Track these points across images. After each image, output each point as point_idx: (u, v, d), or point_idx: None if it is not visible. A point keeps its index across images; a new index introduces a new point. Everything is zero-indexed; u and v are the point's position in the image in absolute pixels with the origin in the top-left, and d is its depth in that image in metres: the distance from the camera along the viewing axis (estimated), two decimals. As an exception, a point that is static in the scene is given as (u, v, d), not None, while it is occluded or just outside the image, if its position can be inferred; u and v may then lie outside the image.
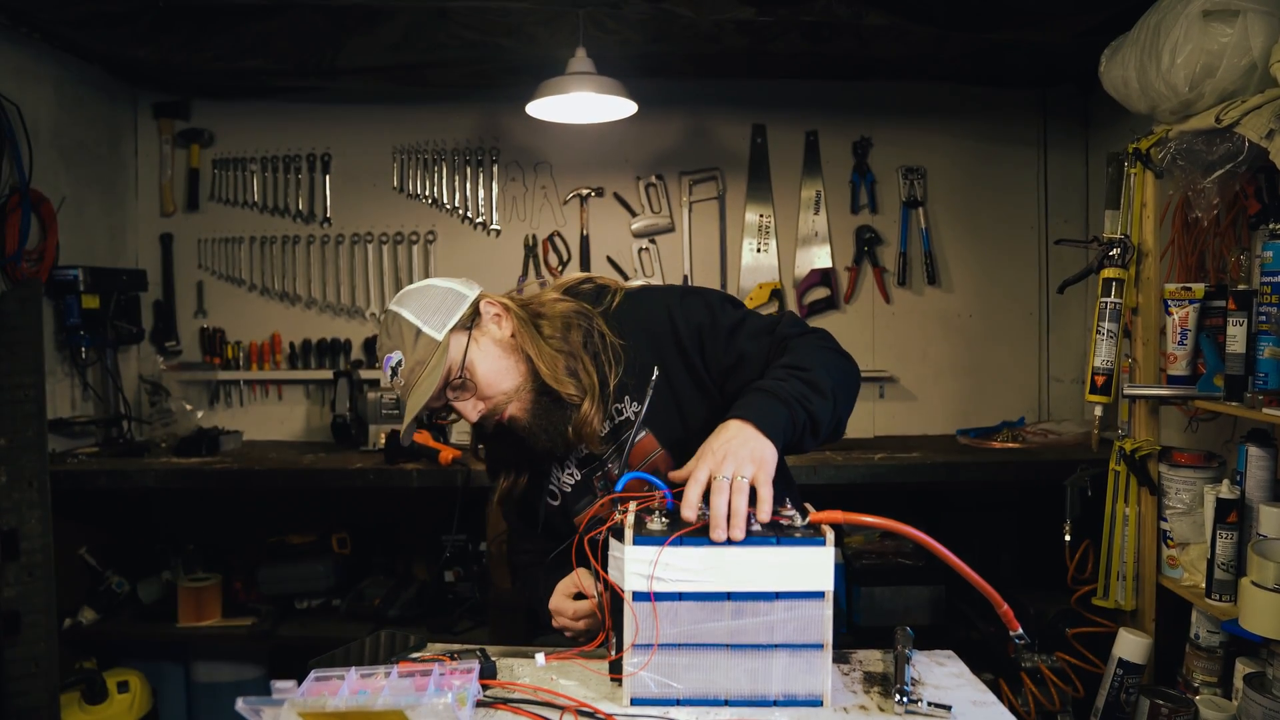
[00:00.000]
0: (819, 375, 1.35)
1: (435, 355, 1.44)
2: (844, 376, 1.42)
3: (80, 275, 2.94)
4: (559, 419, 1.48)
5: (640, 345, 1.50)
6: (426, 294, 1.50)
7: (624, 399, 1.51)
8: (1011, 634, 1.24)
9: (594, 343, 1.51)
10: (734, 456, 1.21)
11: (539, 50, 2.82)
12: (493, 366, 1.47)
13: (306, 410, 3.47)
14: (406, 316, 1.47)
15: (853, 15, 2.49)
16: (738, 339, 1.47)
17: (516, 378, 1.48)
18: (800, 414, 1.30)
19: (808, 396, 1.32)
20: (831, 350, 1.46)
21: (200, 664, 3.12)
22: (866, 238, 3.41)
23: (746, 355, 1.46)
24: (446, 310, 1.48)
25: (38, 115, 2.86)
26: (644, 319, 1.52)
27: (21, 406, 2.41)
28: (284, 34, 2.74)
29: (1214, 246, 2.27)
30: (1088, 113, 3.36)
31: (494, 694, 1.23)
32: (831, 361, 1.42)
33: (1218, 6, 1.87)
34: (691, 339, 1.49)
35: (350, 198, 3.48)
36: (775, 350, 1.45)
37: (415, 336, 1.45)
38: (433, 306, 1.47)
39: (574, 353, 1.49)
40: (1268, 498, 1.90)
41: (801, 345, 1.43)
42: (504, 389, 1.48)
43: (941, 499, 3.20)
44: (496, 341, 1.49)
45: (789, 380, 1.33)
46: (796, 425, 1.30)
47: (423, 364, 1.44)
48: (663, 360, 1.48)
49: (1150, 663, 2.22)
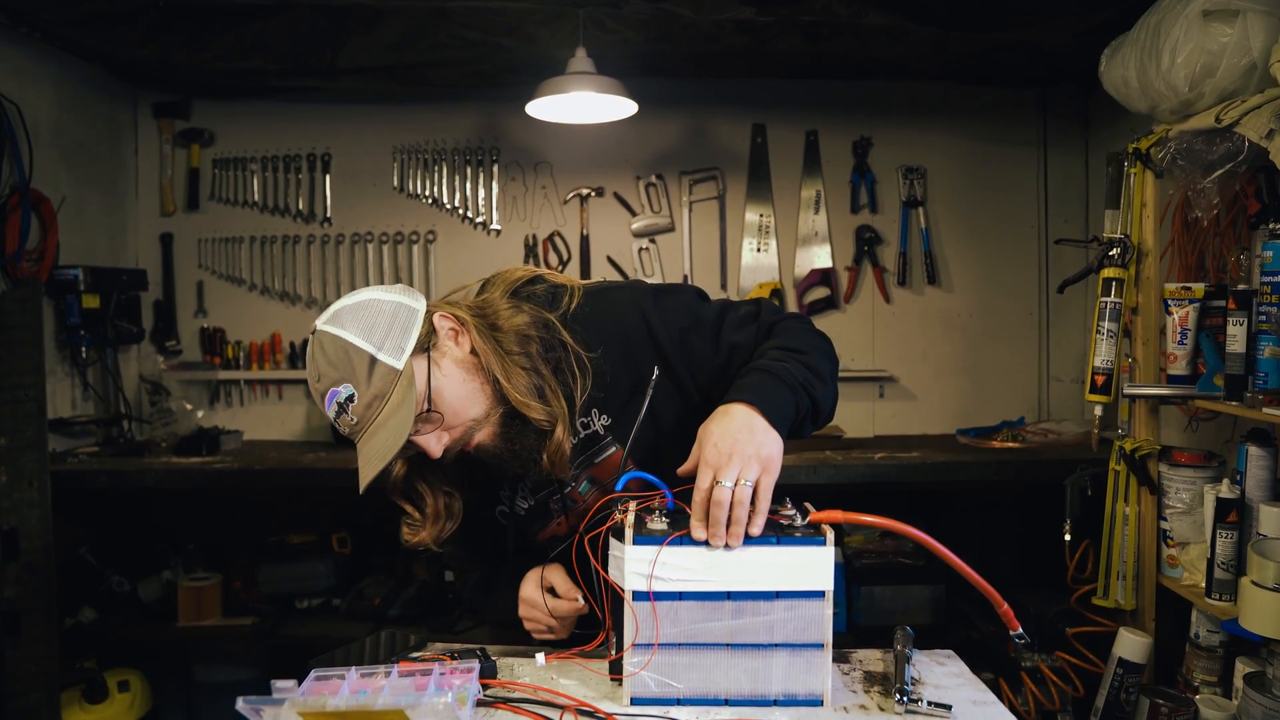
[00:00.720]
0: (817, 360, 1.28)
1: (397, 387, 1.23)
2: (834, 363, 1.36)
3: (80, 275, 2.94)
4: (531, 443, 1.31)
5: (610, 351, 1.35)
6: (370, 310, 1.26)
7: (590, 412, 1.37)
8: (1011, 634, 1.24)
9: (555, 354, 1.34)
10: (740, 455, 1.13)
11: (539, 50, 2.82)
12: (458, 393, 1.28)
13: (306, 410, 3.47)
14: (352, 340, 1.23)
15: (853, 15, 2.49)
16: (725, 333, 1.36)
17: (484, 400, 1.30)
18: (804, 400, 1.24)
19: (810, 382, 1.25)
20: (819, 334, 1.38)
21: (200, 664, 3.12)
22: (866, 237, 3.41)
23: (738, 347, 1.35)
24: (400, 330, 1.25)
25: (38, 115, 2.86)
26: (612, 322, 1.36)
27: (21, 406, 2.41)
28: (284, 34, 2.74)
29: (1214, 246, 2.27)
30: (1088, 113, 3.36)
31: (494, 694, 1.23)
32: (822, 346, 1.35)
33: (1218, 6, 1.87)
34: (674, 344, 1.35)
35: (350, 198, 3.48)
36: (762, 335, 1.36)
37: (369, 366, 1.22)
38: (383, 326, 1.24)
39: (537, 369, 1.32)
40: (1268, 497, 1.90)
41: (790, 328, 1.35)
42: (472, 415, 1.29)
43: (941, 499, 3.20)
44: (458, 362, 1.30)
45: (789, 361, 1.25)
46: (800, 411, 1.24)
47: (381, 398, 1.23)
48: (637, 367, 1.34)
49: (1150, 662, 2.22)
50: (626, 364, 1.35)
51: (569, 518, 1.43)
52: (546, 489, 1.42)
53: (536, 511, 1.44)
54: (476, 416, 1.30)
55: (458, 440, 1.30)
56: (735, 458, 1.14)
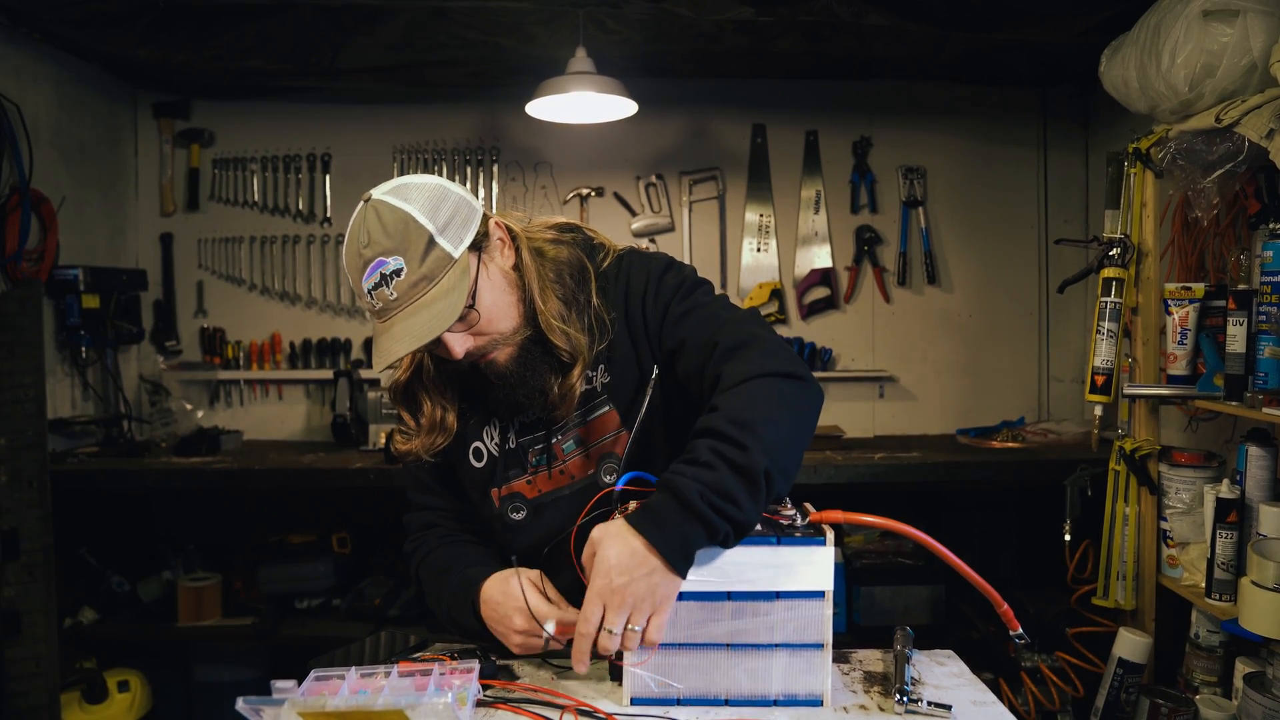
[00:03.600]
0: (754, 457, 1.08)
1: (448, 274, 1.19)
2: (794, 436, 1.16)
3: (80, 275, 2.94)
4: (543, 373, 1.29)
5: (617, 317, 1.34)
6: (437, 193, 1.22)
7: (597, 367, 1.34)
8: (1011, 634, 1.24)
9: (584, 300, 1.32)
10: (632, 598, 1.08)
11: (539, 50, 2.83)
12: (498, 301, 1.26)
13: (306, 410, 3.47)
14: (416, 216, 1.18)
15: (853, 15, 2.49)
16: (683, 325, 1.31)
17: (515, 317, 1.28)
18: (721, 527, 1.09)
19: (736, 498, 1.08)
20: (782, 395, 1.17)
21: (200, 664, 3.12)
22: (866, 237, 3.41)
23: (686, 344, 1.29)
24: (461, 221, 1.22)
25: (38, 115, 2.86)
26: (626, 292, 1.35)
27: (21, 406, 2.41)
28: (284, 34, 2.74)
29: (1214, 246, 2.27)
30: (1088, 113, 3.36)
31: (494, 694, 1.23)
32: (781, 418, 1.15)
33: (1218, 6, 1.87)
34: (655, 318, 1.33)
35: (350, 198, 3.45)
36: (711, 374, 1.23)
37: (426, 245, 1.18)
38: (447, 212, 1.21)
39: (569, 303, 1.30)
40: (1268, 497, 1.90)
41: (748, 394, 1.16)
42: (501, 328, 1.27)
43: (941, 499, 3.21)
44: (502, 273, 1.28)
45: (719, 466, 1.09)
46: (714, 540, 1.10)
47: (429, 281, 1.18)
48: (633, 338, 1.33)
49: (1150, 662, 2.22)
50: (628, 336, 1.34)
51: (539, 477, 1.38)
52: (533, 434, 1.38)
53: (515, 456, 1.38)
54: (504, 331, 1.28)
55: (479, 349, 1.27)
56: (626, 602, 1.09)
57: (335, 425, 3.25)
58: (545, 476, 1.38)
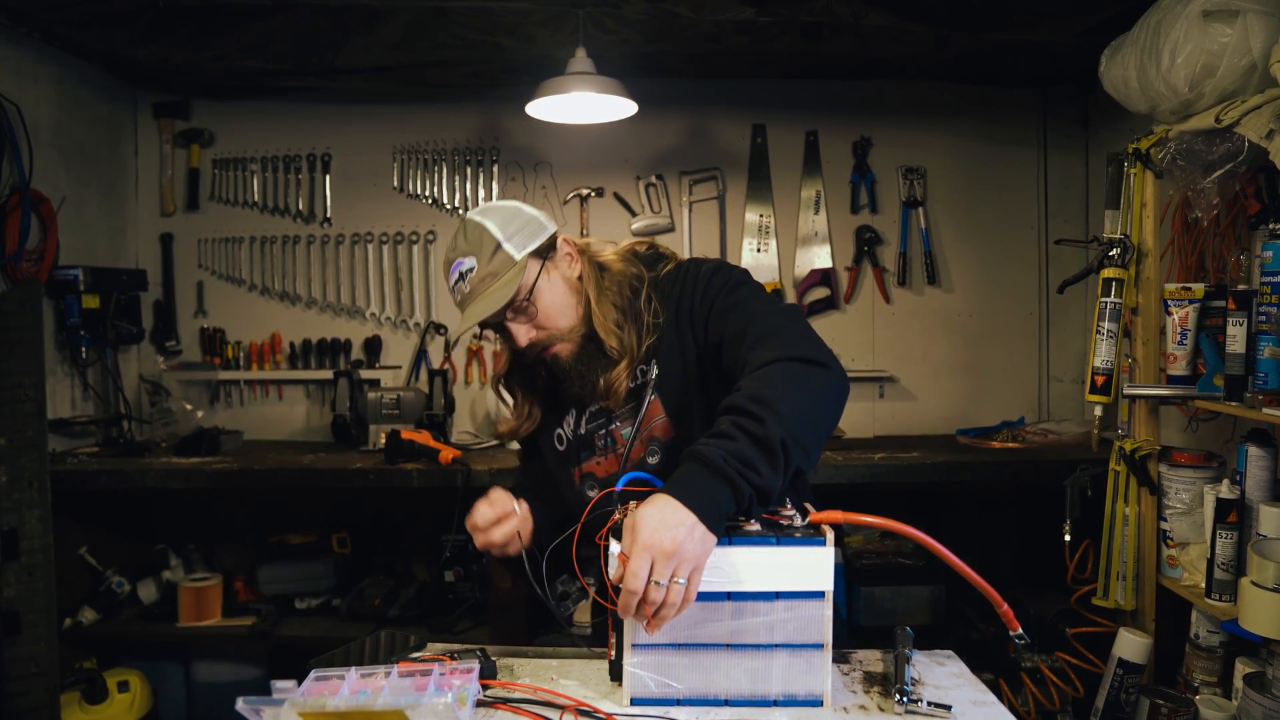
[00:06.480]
0: (770, 428, 1.20)
1: (510, 272, 1.49)
2: (811, 413, 1.27)
3: (80, 275, 2.94)
4: (596, 368, 1.54)
5: (668, 318, 1.56)
6: (513, 214, 1.55)
7: (650, 361, 1.56)
8: (1011, 634, 1.24)
9: (639, 306, 1.57)
10: (677, 552, 1.13)
11: (539, 50, 2.83)
12: (556, 301, 1.53)
13: (306, 410, 3.47)
14: (490, 228, 1.51)
15: (853, 15, 2.49)
16: (725, 320, 1.49)
17: (573, 318, 1.55)
18: (745, 490, 1.18)
19: (756, 466, 1.19)
20: (800, 377, 1.29)
21: (200, 664, 3.12)
22: (866, 238, 3.41)
23: (725, 338, 1.47)
24: (529, 234, 1.53)
25: (38, 115, 2.86)
26: (679, 293, 1.57)
27: (21, 406, 2.41)
28: (284, 34, 2.74)
29: (1214, 246, 2.27)
30: (1088, 113, 3.36)
31: (494, 694, 1.24)
32: (797, 396, 1.26)
33: (1218, 6, 1.87)
34: (701, 315, 1.53)
35: (350, 198, 3.48)
36: (740, 361, 1.38)
37: (494, 249, 1.49)
38: (517, 226, 1.52)
39: (625, 310, 1.56)
40: (1268, 497, 1.90)
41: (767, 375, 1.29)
42: (560, 326, 1.54)
43: (941, 499, 3.20)
44: (565, 279, 1.56)
45: (739, 437, 1.20)
46: (741, 504, 1.19)
47: (494, 276, 1.48)
48: (680, 335, 1.54)
49: (1150, 663, 2.22)
50: (676, 334, 1.55)
51: (607, 459, 1.60)
52: (597, 421, 1.61)
53: (586, 441, 1.62)
54: (563, 327, 1.54)
55: (540, 340, 1.54)
56: (674, 553, 1.13)
57: (335, 425, 3.25)
58: (611, 459, 1.60)
